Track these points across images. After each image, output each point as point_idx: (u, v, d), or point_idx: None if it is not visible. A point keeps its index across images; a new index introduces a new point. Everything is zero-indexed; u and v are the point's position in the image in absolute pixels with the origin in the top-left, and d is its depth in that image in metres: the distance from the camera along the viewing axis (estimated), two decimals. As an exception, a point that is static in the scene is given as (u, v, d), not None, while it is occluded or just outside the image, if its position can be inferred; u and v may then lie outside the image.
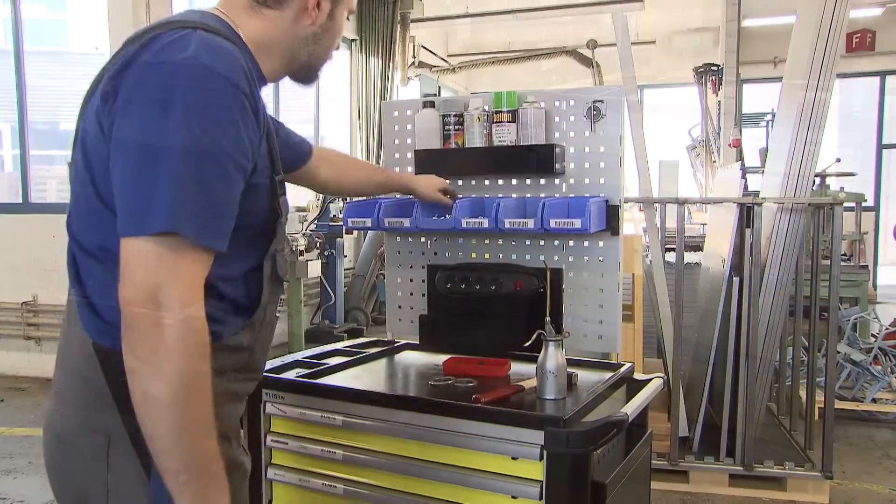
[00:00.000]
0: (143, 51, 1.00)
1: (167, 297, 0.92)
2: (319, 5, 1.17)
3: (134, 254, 0.93)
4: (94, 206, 1.04)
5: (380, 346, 2.03)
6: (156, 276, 0.92)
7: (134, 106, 0.97)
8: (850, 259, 5.40)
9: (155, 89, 0.96)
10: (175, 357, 0.92)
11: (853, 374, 4.53)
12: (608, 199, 1.90)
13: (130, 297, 0.92)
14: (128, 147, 0.96)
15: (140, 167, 0.94)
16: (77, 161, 1.07)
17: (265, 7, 1.14)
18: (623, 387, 1.74)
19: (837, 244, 3.30)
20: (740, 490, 3.35)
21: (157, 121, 0.94)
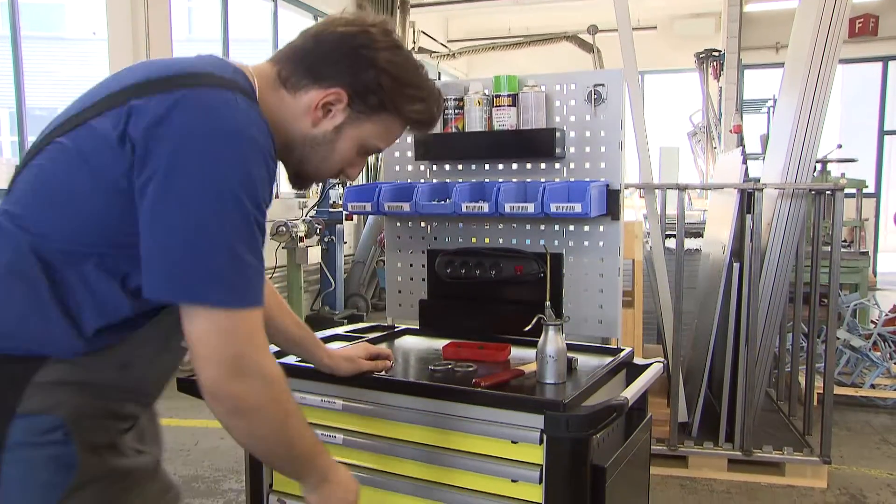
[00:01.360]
0: (182, 109, 0.98)
1: (249, 365, 1.01)
2: (328, 111, 1.15)
3: (206, 330, 0.99)
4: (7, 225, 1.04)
5: (380, 330, 2.03)
6: (234, 348, 1.00)
7: (184, 178, 0.96)
8: (851, 245, 5.39)
9: (207, 161, 0.97)
10: (270, 412, 1.05)
11: (852, 360, 4.54)
12: (609, 183, 1.89)
13: (216, 375, 1.00)
14: (179, 218, 0.96)
15: (198, 240, 0.97)
16: (39, 170, 1.05)
17: (283, 88, 1.14)
18: (623, 371, 1.74)
19: (838, 230, 3.30)
20: (739, 475, 3.37)
21: (211, 195, 0.96)
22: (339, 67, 1.13)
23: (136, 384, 1.12)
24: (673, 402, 3.41)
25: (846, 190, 3.65)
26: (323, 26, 1.17)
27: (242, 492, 3.07)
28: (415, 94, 1.18)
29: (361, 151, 1.22)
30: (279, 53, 1.18)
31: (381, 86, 1.14)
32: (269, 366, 1.05)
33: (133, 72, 1.08)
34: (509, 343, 1.79)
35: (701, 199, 8.08)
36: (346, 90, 1.13)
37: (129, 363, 1.07)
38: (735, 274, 3.36)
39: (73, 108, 1.09)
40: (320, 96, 1.13)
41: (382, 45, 1.14)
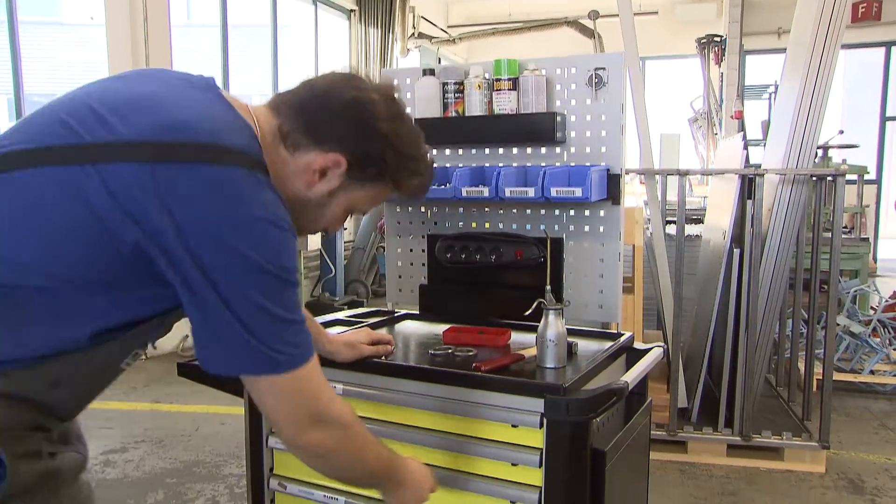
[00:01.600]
0: (216, 194, 0.96)
1: (321, 417, 1.09)
2: (324, 174, 1.13)
3: (274, 397, 1.06)
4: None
5: (380, 315, 2.03)
6: (304, 407, 1.07)
7: (223, 269, 0.97)
8: (851, 232, 5.39)
9: (243, 248, 0.97)
10: (347, 450, 1.15)
11: (852, 346, 4.55)
12: (609, 167, 1.88)
13: (293, 433, 1.09)
14: (225, 304, 0.98)
15: (249, 321, 0.99)
16: (26, 201, 0.98)
17: (284, 146, 1.12)
18: (623, 356, 1.74)
19: (839, 216, 3.29)
20: (738, 460, 3.38)
21: (251, 279, 0.98)
22: (343, 134, 1.12)
23: (61, 403, 1.07)
24: (672, 388, 3.41)
25: (847, 176, 3.64)
26: (329, 85, 1.15)
27: (243, 476, 3.09)
28: (414, 168, 1.20)
29: (348, 212, 1.24)
30: (282, 104, 1.15)
31: (383, 158, 1.15)
32: (340, 411, 1.13)
33: (151, 107, 1.02)
34: (509, 328, 1.78)
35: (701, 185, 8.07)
36: (346, 157, 1.12)
37: (60, 382, 1.04)
38: (735, 260, 3.36)
39: (71, 121, 1.01)
40: (320, 160, 1.12)
41: (388, 115, 1.14)
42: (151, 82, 1.09)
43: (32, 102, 5.62)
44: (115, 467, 3.37)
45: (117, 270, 1.00)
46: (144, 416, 4.09)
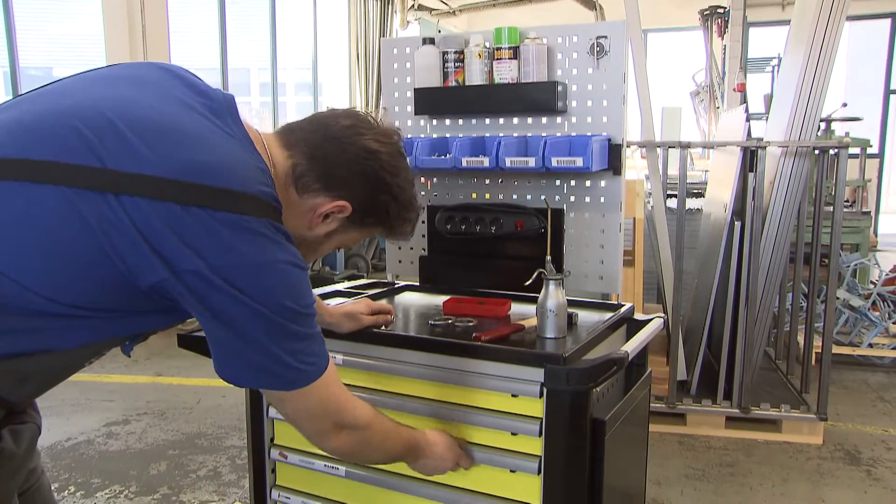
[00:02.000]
0: (237, 244, 0.98)
1: (343, 423, 1.18)
2: (326, 218, 1.18)
3: (300, 407, 1.14)
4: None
5: (380, 287, 2.02)
6: (328, 414, 1.16)
7: (256, 305, 1.01)
8: (853, 205, 5.37)
9: (272, 287, 1.02)
10: (371, 445, 1.26)
11: (851, 319, 4.56)
12: (611, 137, 1.86)
13: (320, 442, 1.21)
14: (246, 336, 1.03)
15: (271, 348, 1.04)
16: (31, 218, 0.95)
17: (293, 187, 1.15)
18: (623, 327, 1.74)
19: (841, 189, 3.27)
20: (736, 432, 3.40)
21: (270, 317, 1.02)
22: (354, 183, 1.16)
23: (25, 397, 1.10)
24: (672, 361, 3.43)
25: (850, 150, 3.62)
26: (341, 131, 1.17)
27: (245, 448, 3.11)
28: (410, 217, 1.27)
29: (337, 248, 1.31)
30: (294, 142, 1.16)
31: (386, 210, 1.22)
32: (360, 413, 1.21)
33: (179, 141, 1.00)
34: (509, 299, 1.78)
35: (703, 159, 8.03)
36: (352, 204, 1.17)
37: (28, 378, 1.05)
38: (736, 233, 3.35)
39: (90, 134, 0.96)
40: (327, 205, 1.16)
41: (394, 168, 1.20)
42: (171, 102, 1.05)
43: (29, 76, 5.57)
44: (117, 439, 3.39)
45: (124, 303, 1.02)
46: (146, 388, 4.11)
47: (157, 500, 2.79)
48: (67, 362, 1.09)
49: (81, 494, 2.84)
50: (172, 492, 2.85)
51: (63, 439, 3.37)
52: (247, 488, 2.41)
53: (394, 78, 2.12)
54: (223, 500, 2.79)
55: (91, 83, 1.08)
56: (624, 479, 1.65)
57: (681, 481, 2.94)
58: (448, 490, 1.49)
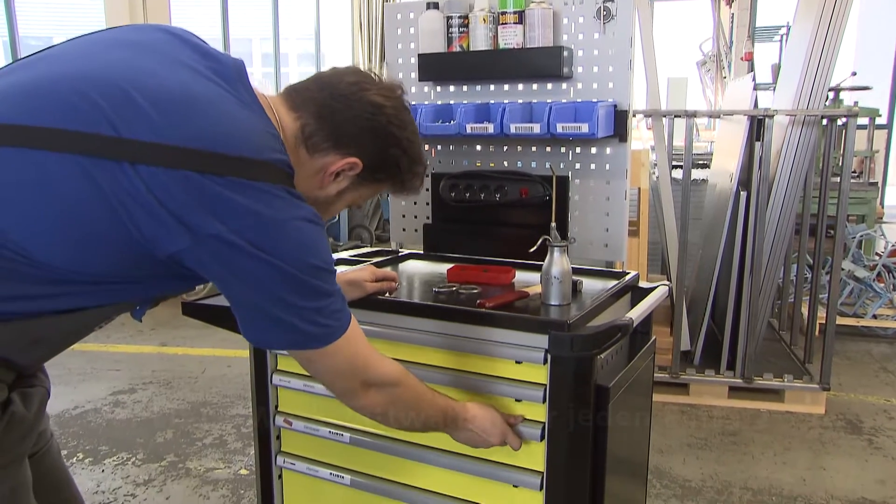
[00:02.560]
0: (257, 210, 0.98)
1: (372, 380, 1.19)
2: (338, 177, 1.18)
3: (328, 365, 1.14)
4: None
5: (384, 255, 2.01)
6: (356, 371, 1.16)
7: (280, 266, 1.01)
8: (860, 176, 5.33)
9: (296, 248, 1.03)
10: (403, 403, 1.25)
11: (855, 290, 4.55)
12: (617, 104, 1.84)
13: (351, 401, 1.21)
14: (279, 292, 1.03)
15: (302, 306, 1.05)
16: (44, 187, 0.94)
17: (303, 147, 1.14)
18: (628, 294, 1.73)
19: (849, 158, 3.24)
20: (739, 402, 3.42)
21: (295, 278, 1.03)
22: (364, 140, 1.16)
23: (36, 360, 1.11)
24: (676, 331, 3.43)
25: (858, 120, 3.58)
26: (347, 88, 1.16)
27: (250, 417, 3.14)
28: (420, 171, 1.26)
29: (349, 207, 1.31)
30: (301, 103, 1.15)
31: (397, 164, 1.21)
32: (388, 370, 1.21)
33: (192, 109, 0.99)
34: (514, 266, 1.77)
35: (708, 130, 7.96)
36: (363, 161, 1.16)
37: (40, 340, 1.06)
38: (742, 203, 3.33)
39: (104, 103, 0.95)
40: (338, 163, 1.16)
41: (403, 122, 1.19)
42: (180, 69, 1.04)
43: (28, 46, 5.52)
44: (124, 407, 3.42)
45: (139, 270, 1.02)
46: (152, 358, 4.13)
47: (164, 467, 2.82)
48: (79, 325, 1.09)
49: (90, 461, 2.87)
50: (179, 459, 2.88)
51: (70, 407, 3.40)
52: (252, 455, 2.43)
53: (398, 44, 2.09)
54: (229, 468, 2.82)
55: (97, 48, 1.06)
56: (627, 446, 1.65)
57: (683, 450, 2.96)
58: (451, 456, 1.49)
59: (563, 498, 1.39)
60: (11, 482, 1.08)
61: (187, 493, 2.63)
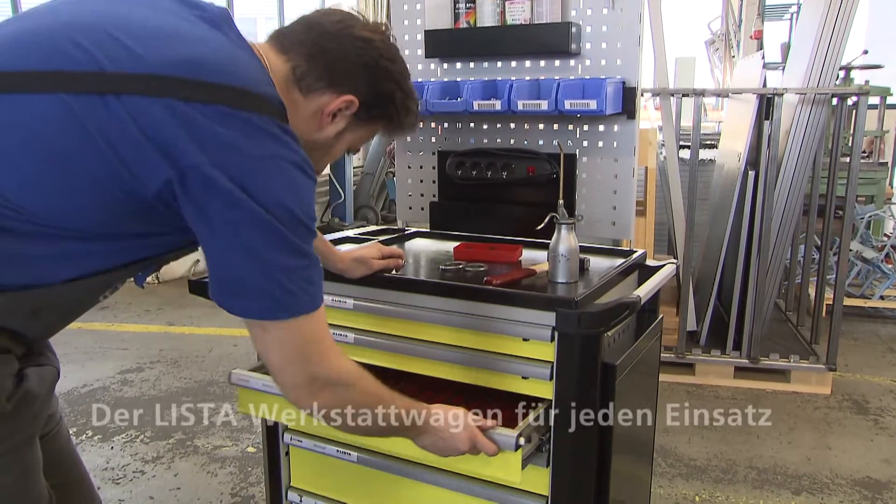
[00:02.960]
0: (244, 140, 0.95)
1: (323, 375, 1.07)
2: (335, 117, 1.15)
3: (284, 346, 1.03)
4: None
5: (390, 233, 2.01)
6: (310, 360, 1.05)
7: (254, 206, 0.95)
8: (870, 156, 5.28)
9: (276, 190, 0.97)
10: (359, 407, 1.13)
11: (863, 271, 4.53)
12: (625, 80, 1.82)
13: (297, 396, 1.08)
14: (243, 247, 0.97)
15: (264, 265, 0.98)
16: (30, 132, 0.92)
17: (297, 89, 1.11)
18: (635, 273, 1.72)
19: (860, 137, 3.21)
20: (745, 382, 3.42)
21: (271, 224, 0.97)
22: (358, 76, 1.13)
23: (40, 332, 1.09)
24: (682, 311, 3.42)
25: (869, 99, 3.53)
26: (334, 26, 1.13)
27: (257, 395, 3.15)
28: (414, 108, 1.22)
29: (347, 152, 1.26)
30: (289, 45, 1.12)
31: (392, 99, 1.17)
32: (344, 368, 1.11)
33: (179, 41, 0.98)
34: (521, 244, 1.77)
35: (716, 110, 7.90)
36: (358, 99, 1.13)
37: (40, 311, 1.04)
38: (750, 182, 3.31)
39: (88, 44, 0.94)
40: (334, 102, 1.12)
41: (394, 56, 1.16)
42: (168, 15, 1.03)
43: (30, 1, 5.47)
44: (132, 386, 3.44)
45: (137, 222, 1.00)
46: (159, 337, 4.15)
47: (172, 445, 2.84)
48: (80, 294, 1.07)
49: (98, 439, 2.90)
50: (186, 437, 2.91)
51: (79, 386, 3.42)
52: (259, 433, 2.45)
53: (404, 20, 2.07)
54: (236, 445, 2.84)
55: (87, 1, 1.05)
56: (633, 425, 1.66)
57: (688, 430, 2.96)
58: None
59: (569, 475, 1.39)
60: (25, 462, 1.08)
61: (195, 471, 2.65)
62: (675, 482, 2.57)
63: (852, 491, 2.52)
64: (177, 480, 2.60)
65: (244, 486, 2.56)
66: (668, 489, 2.53)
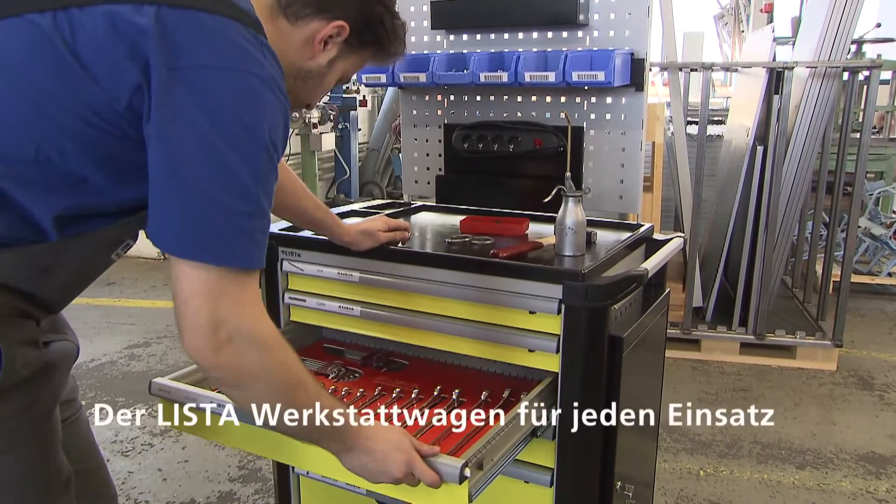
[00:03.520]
0: (212, 45, 0.90)
1: (235, 331, 0.92)
2: (326, 45, 1.11)
3: (188, 278, 0.90)
4: None
5: (396, 207, 2.00)
6: (219, 311, 0.90)
7: (205, 126, 0.88)
8: (880, 132, 5.23)
9: (231, 109, 0.90)
10: (270, 382, 0.96)
11: (871, 248, 4.51)
12: (634, 52, 1.80)
13: (198, 345, 0.91)
14: (195, 167, 0.89)
15: (211, 191, 0.89)
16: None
17: (283, 17, 1.07)
18: (642, 246, 1.71)
19: (871, 112, 3.17)
20: (750, 358, 3.42)
21: (232, 145, 0.89)
22: (346, 1, 1.10)
23: (53, 292, 1.05)
24: (688, 287, 3.42)
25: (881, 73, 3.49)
26: None
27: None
28: (401, 32, 1.18)
29: (338, 82, 1.21)
30: None
31: (382, 22, 1.14)
32: (263, 331, 0.95)
33: None
34: (527, 218, 1.76)
35: (724, 86, 7.83)
36: (349, 24, 1.10)
37: (51, 268, 1.01)
38: (758, 158, 3.28)
39: None
40: (325, 29, 1.09)
41: None
42: None
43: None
44: (139, 360, 3.47)
45: (122, 152, 0.94)
46: (166, 312, 4.17)
47: (180, 418, 2.86)
48: (87, 253, 1.04)
49: (107, 412, 2.92)
50: (194, 410, 2.93)
51: (87, 360, 3.45)
52: (266, 406, 2.47)
53: (409, -9, 2.04)
54: (243, 419, 2.85)
55: None
56: (639, 399, 1.66)
57: (694, 405, 2.97)
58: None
59: (575, 449, 1.40)
60: (45, 435, 1.07)
61: (203, 443, 2.67)
62: (679, 456, 2.58)
63: (856, 466, 2.53)
64: (185, 453, 2.63)
65: (251, 458, 2.58)
66: (673, 463, 2.54)
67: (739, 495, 2.36)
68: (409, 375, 1.57)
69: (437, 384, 1.49)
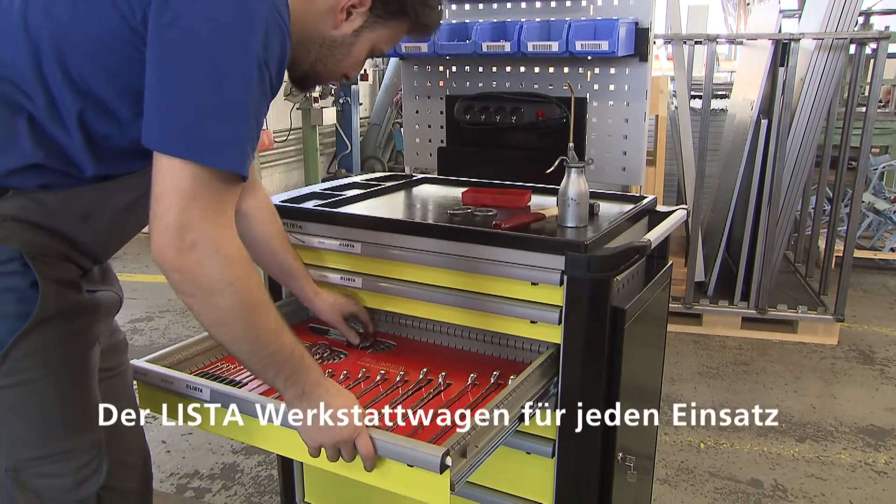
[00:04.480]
0: None
1: (201, 236, 0.90)
2: (350, 14, 1.09)
3: (170, 172, 0.89)
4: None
5: (398, 179, 1.99)
6: (192, 201, 0.89)
7: (208, 31, 0.89)
8: (886, 106, 5.19)
9: (228, 14, 0.90)
10: (227, 297, 0.93)
11: (874, 223, 4.49)
12: (638, 21, 1.77)
13: (163, 243, 0.90)
14: (190, 69, 0.89)
15: (199, 92, 0.89)
16: None
17: None
18: (645, 219, 1.70)
19: (877, 85, 3.14)
20: (752, 332, 3.43)
21: (232, 51, 0.90)
22: None
23: (94, 240, 1.08)
24: (691, 261, 3.41)
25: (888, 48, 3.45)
26: None
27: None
28: (433, 1, 1.15)
29: (370, 55, 1.19)
30: None
31: None
32: (230, 244, 0.93)
33: None
34: (530, 190, 1.74)
35: (728, 60, 7.75)
36: None
37: (91, 215, 1.04)
38: (762, 131, 3.25)
39: None
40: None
41: None
42: None
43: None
44: (142, 334, 3.48)
45: (125, 65, 0.96)
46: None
47: (183, 391, 2.88)
48: (121, 202, 1.07)
49: (110, 385, 2.94)
50: (197, 383, 2.94)
51: None
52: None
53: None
54: (246, 392, 2.87)
55: None
56: (640, 372, 1.66)
57: (694, 378, 2.98)
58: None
59: (576, 420, 1.40)
60: (87, 366, 1.10)
61: (206, 416, 2.69)
62: (680, 429, 2.60)
63: (856, 438, 2.55)
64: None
65: (254, 431, 2.59)
66: (674, 436, 2.55)
67: (739, 467, 2.37)
68: (396, 357, 1.54)
69: (423, 366, 1.47)
